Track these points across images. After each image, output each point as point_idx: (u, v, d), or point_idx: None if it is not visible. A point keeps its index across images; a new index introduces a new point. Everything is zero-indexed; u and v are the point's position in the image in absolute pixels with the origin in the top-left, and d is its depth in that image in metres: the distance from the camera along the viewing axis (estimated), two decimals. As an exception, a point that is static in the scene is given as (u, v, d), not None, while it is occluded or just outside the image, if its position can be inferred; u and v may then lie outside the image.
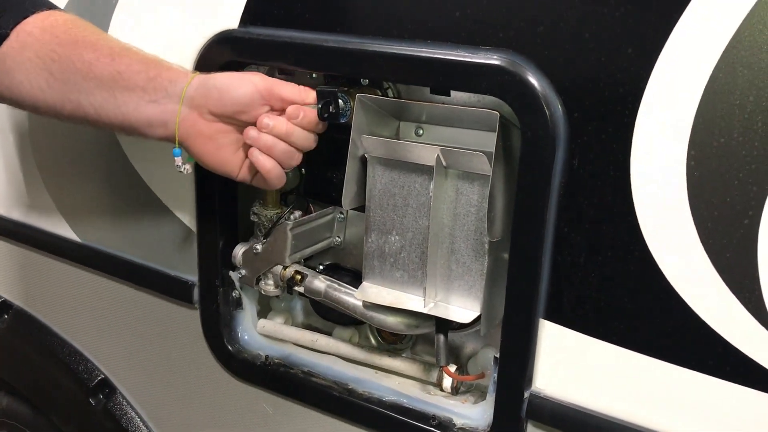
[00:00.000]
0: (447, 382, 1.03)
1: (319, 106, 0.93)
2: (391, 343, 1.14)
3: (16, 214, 1.33)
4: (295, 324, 1.20)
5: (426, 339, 1.11)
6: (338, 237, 1.13)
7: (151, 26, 1.05)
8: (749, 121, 0.69)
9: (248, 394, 1.15)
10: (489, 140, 0.88)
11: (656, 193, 0.75)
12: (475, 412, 0.99)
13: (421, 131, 0.99)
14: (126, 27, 1.07)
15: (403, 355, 1.12)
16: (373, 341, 1.16)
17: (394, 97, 0.99)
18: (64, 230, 1.26)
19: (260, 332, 1.16)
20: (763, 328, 0.72)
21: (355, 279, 1.11)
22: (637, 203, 0.77)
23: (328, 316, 1.16)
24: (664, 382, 0.79)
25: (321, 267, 1.14)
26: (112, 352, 1.31)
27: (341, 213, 1.12)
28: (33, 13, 0.93)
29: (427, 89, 0.94)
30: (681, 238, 0.75)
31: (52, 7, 0.98)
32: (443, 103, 0.93)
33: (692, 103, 0.72)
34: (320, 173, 1.09)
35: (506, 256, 0.91)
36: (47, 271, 1.33)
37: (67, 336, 1.35)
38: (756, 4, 0.67)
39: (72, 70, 0.90)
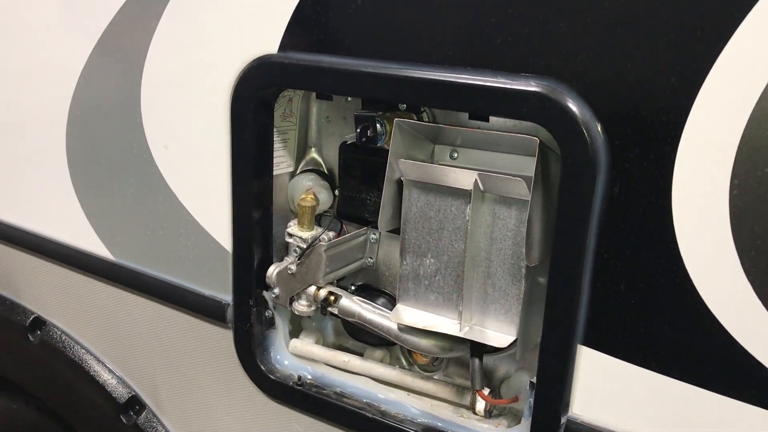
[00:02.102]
0: (480, 405, 1.03)
1: (358, 130, 0.94)
2: (422, 365, 1.15)
3: (52, 233, 1.35)
4: (326, 344, 1.21)
5: (458, 361, 1.11)
6: (371, 258, 1.14)
7: (190, 50, 1.07)
8: (794, 151, 0.70)
9: (280, 414, 1.16)
10: (525, 165, 0.89)
11: (699, 221, 0.75)
12: (510, 436, 0.99)
13: (456, 154, 1.00)
14: (165, 52, 1.09)
15: (435, 377, 1.12)
16: (404, 362, 1.16)
17: (429, 122, 1.00)
18: (99, 249, 1.28)
19: (292, 352, 1.17)
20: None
21: (387, 300, 1.12)
22: (679, 231, 0.77)
23: (360, 336, 1.17)
24: (704, 410, 0.79)
25: (353, 287, 1.15)
26: (143, 369, 1.32)
27: (374, 234, 1.13)
28: None
29: (465, 114, 0.95)
30: (723, 267, 0.75)
31: None
32: (479, 128, 0.94)
33: (736, 132, 0.72)
34: (354, 195, 1.10)
35: (542, 280, 0.92)
36: (81, 288, 1.35)
37: (98, 353, 1.37)
38: (802, 35, 0.67)
39: None
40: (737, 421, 0.78)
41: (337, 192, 1.14)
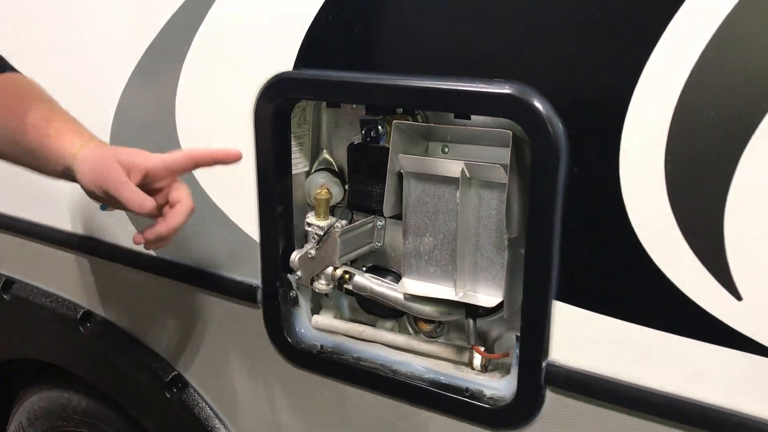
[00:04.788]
0: (477, 360, 1.21)
1: (363, 132, 1.13)
2: (426, 331, 1.33)
3: (97, 233, 1.54)
4: (343, 318, 1.39)
5: (457, 327, 1.29)
6: (378, 242, 1.32)
7: (217, 71, 1.26)
8: (712, 133, 0.88)
9: (306, 380, 1.34)
10: (503, 155, 1.07)
11: (642, 191, 0.93)
12: (502, 383, 1.17)
13: (446, 149, 1.18)
14: (195, 74, 1.28)
15: (438, 341, 1.30)
16: (411, 330, 1.34)
17: (423, 122, 1.18)
18: (143, 247, 1.46)
19: (314, 326, 1.35)
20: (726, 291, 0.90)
21: (394, 277, 1.30)
22: (627, 199, 0.95)
23: (372, 310, 1.35)
24: (648, 345, 0.97)
25: (364, 268, 1.34)
26: (183, 350, 1.51)
27: (380, 221, 1.31)
28: None
29: (452, 114, 1.13)
30: (664, 227, 0.93)
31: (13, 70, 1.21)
32: (465, 125, 1.12)
33: (666, 118, 0.90)
34: (362, 188, 1.29)
35: (522, 250, 1.10)
36: (127, 283, 1.53)
37: (143, 338, 1.55)
38: (710, 40, 0.85)
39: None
40: (676, 352, 0.95)
41: (346, 186, 1.32)
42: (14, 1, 1.51)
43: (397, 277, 1.29)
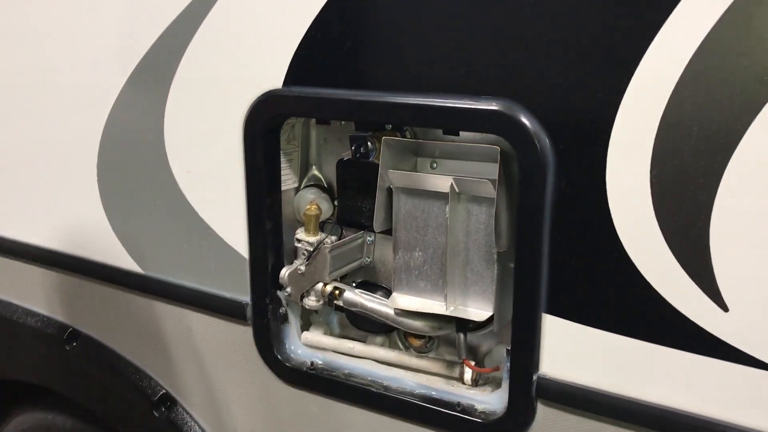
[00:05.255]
0: (467, 375, 1.22)
1: (353, 148, 1.14)
2: (416, 347, 1.33)
3: (84, 252, 1.53)
4: (332, 334, 1.39)
5: (447, 341, 1.29)
6: (368, 257, 1.33)
7: (207, 88, 1.26)
8: (695, 147, 0.89)
9: (297, 397, 1.34)
10: (490, 170, 1.08)
11: (628, 205, 0.95)
12: (493, 397, 1.17)
13: (435, 164, 1.19)
14: (184, 90, 1.29)
15: (429, 355, 1.31)
16: (401, 346, 1.35)
17: (412, 138, 1.20)
18: (130, 265, 1.46)
19: (304, 342, 1.35)
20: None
21: (384, 293, 1.30)
22: (614, 213, 0.96)
23: (362, 326, 1.35)
24: (640, 357, 0.98)
25: (354, 284, 1.34)
26: (172, 368, 1.50)
27: (370, 236, 1.32)
28: None
29: (440, 131, 1.15)
30: (649, 238, 0.94)
31: None
32: (454, 141, 1.13)
33: (651, 133, 0.92)
34: (351, 204, 1.30)
35: (511, 265, 1.11)
36: (114, 301, 1.52)
37: (131, 357, 1.54)
38: (692, 57, 0.87)
39: None
40: (664, 363, 0.97)
41: (336, 202, 1.33)
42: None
43: (387, 293, 1.30)
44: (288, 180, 1.31)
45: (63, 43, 1.43)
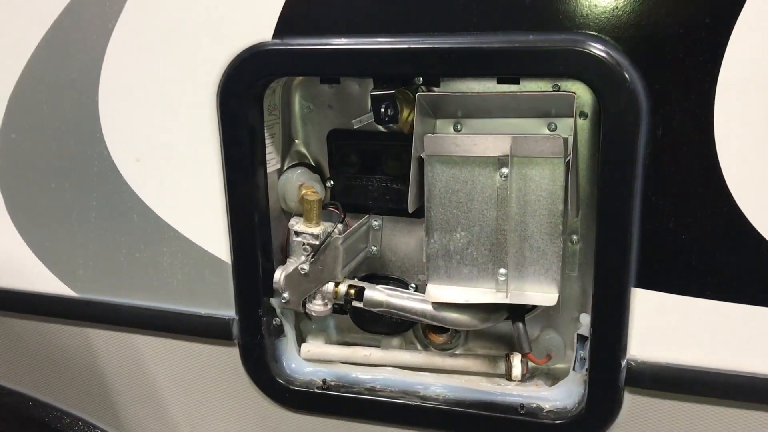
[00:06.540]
0: (516, 370, 1.03)
1: (382, 109, 0.90)
2: (439, 344, 1.13)
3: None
4: (331, 343, 1.15)
5: (477, 334, 1.10)
6: (374, 246, 1.10)
7: (162, 47, 0.96)
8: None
9: (307, 425, 1.09)
10: (532, 128, 0.90)
11: (742, 152, 0.81)
12: (560, 392, 1.00)
13: (459, 126, 0.99)
14: (128, 50, 0.98)
15: (457, 353, 1.11)
16: (419, 346, 1.14)
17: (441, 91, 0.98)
18: (56, 287, 1.13)
19: (305, 357, 1.11)
20: None
21: (397, 285, 1.08)
22: (723, 163, 0.82)
23: (372, 328, 1.13)
24: (753, 326, 0.85)
25: (356, 279, 1.11)
26: (126, 416, 1.19)
27: (375, 221, 1.09)
28: None
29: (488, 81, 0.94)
30: (766, 190, 0.80)
31: None
32: (505, 93, 0.93)
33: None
34: (353, 183, 1.06)
35: (575, 236, 0.94)
36: (38, 335, 1.18)
37: (76, 410, 1.20)
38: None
39: None
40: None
41: (329, 183, 1.09)
42: None
43: (401, 285, 1.08)
44: (272, 160, 1.04)
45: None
